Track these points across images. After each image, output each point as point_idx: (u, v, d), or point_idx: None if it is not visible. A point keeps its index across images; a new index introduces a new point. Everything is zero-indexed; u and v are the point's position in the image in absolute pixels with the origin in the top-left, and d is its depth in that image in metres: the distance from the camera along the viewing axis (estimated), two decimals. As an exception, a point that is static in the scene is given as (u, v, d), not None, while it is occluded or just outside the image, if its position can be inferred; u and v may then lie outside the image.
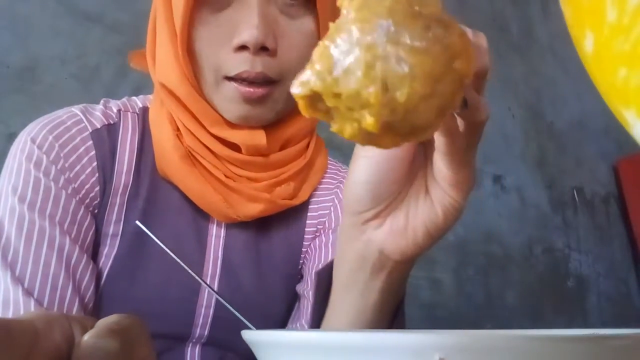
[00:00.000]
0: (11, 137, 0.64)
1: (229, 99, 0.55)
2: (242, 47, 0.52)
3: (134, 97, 0.65)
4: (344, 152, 0.66)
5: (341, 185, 0.69)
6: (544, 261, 2.05)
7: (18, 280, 0.50)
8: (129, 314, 0.25)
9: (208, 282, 0.59)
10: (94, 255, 0.57)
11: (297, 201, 0.62)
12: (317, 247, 0.65)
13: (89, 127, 0.57)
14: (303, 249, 0.65)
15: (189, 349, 0.59)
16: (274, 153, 0.60)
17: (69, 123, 0.56)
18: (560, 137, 2.27)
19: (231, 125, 0.57)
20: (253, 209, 0.59)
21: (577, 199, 2.22)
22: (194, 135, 0.58)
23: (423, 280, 1.70)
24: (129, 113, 0.61)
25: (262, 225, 0.63)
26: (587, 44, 0.17)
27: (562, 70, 2.28)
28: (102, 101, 0.62)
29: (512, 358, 0.23)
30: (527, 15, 2.30)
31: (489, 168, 1.99)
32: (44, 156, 0.54)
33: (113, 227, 0.57)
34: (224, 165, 0.58)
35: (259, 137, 0.57)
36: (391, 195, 0.40)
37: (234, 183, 0.58)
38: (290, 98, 0.52)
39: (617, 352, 0.25)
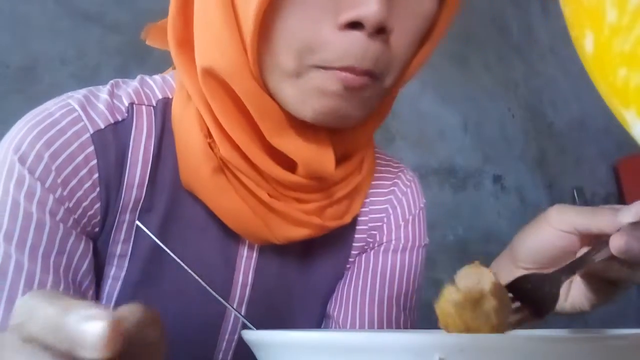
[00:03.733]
0: (11, 137, 0.63)
1: (316, 89, 0.42)
2: (353, 25, 0.40)
3: (149, 81, 0.52)
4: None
5: (399, 182, 0.60)
6: (544, 261, 2.05)
7: None
8: (151, 308, 0.25)
9: (235, 308, 0.52)
10: (99, 277, 0.49)
11: (348, 219, 0.54)
12: (357, 266, 0.58)
13: (89, 127, 0.46)
14: (347, 266, 0.59)
15: None
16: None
17: (63, 123, 0.45)
18: (560, 137, 2.28)
19: (299, 132, 0.46)
20: (297, 233, 0.50)
21: (577, 199, 2.22)
22: (237, 149, 0.47)
23: (423, 280, 1.70)
24: (143, 107, 0.49)
25: (303, 245, 0.54)
26: (587, 44, 0.17)
27: (562, 70, 2.28)
28: (109, 84, 0.50)
29: (511, 358, 0.23)
30: (527, 15, 2.31)
31: (489, 168, 1.99)
32: (27, 173, 0.44)
33: (121, 246, 0.48)
34: (269, 184, 0.48)
35: (328, 160, 0.47)
36: (545, 264, 0.47)
37: (278, 204, 0.48)
38: (380, 98, 0.47)
39: (617, 352, 0.25)
